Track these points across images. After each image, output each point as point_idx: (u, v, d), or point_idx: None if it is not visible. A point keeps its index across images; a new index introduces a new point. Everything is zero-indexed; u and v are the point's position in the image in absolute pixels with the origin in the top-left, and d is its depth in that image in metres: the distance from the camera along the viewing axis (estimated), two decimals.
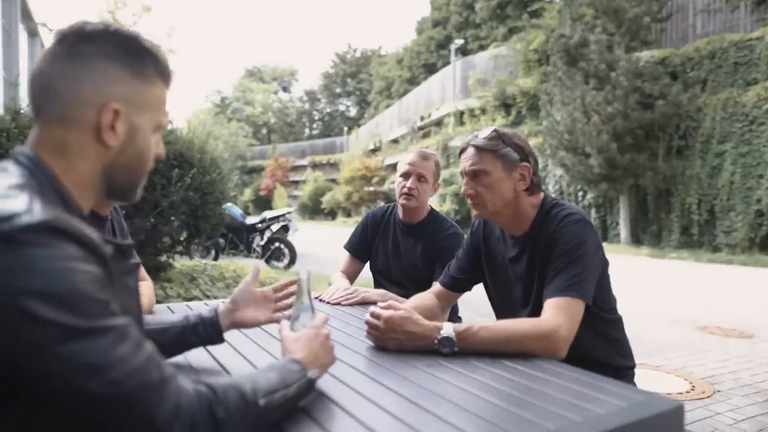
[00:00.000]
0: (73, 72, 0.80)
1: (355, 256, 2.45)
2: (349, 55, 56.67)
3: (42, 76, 0.81)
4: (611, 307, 1.62)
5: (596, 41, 13.01)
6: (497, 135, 1.54)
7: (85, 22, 0.82)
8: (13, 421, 0.69)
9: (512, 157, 1.53)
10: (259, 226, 9.51)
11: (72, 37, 0.81)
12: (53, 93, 0.80)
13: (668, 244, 12.90)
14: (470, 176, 1.55)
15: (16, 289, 0.63)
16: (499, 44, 23.98)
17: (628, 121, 12.48)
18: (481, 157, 1.53)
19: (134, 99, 0.83)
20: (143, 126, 0.86)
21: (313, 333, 1.02)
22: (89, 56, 0.80)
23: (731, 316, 5.60)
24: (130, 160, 0.86)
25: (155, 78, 0.86)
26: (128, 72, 0.83)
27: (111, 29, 0.83)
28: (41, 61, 0.81)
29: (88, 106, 0.80)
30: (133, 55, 0.83)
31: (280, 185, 37.30)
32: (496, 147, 1.52)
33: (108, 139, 0.81)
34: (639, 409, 0.94)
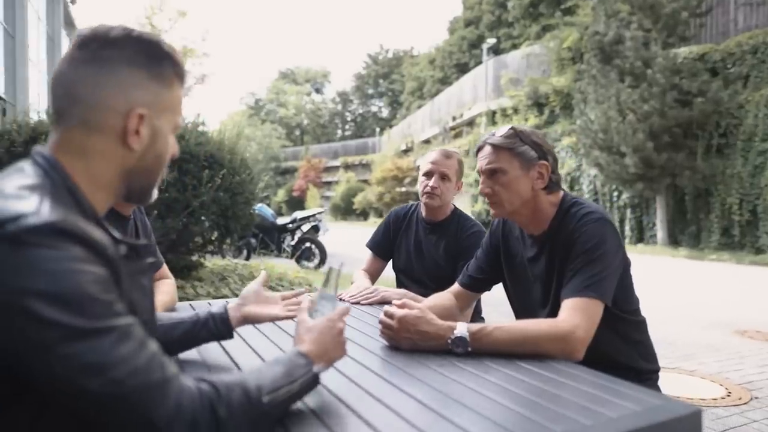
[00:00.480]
0: (96, 78, 0.81)
1: (377, 255, 2.45)
2: (381, 56, 56.79)
3: (64, 80, 0.82)
4: (634, 309, 1.57)
5: (632, 38, 12.70)
6: (514, 133, 1.52)
7: (109, 28, 0.83)
8: (20, 419, 0.71)
9: (530, 155, 1.51)
10: (289, 226, 9.61)
11: (95, 43, 0.82)
12: (77, 98, 0.81)
13: (707, 245, 12.49)
14: (487, 175, 1.53)
15: (20, 290, 0.64)
16: (531, 43, 23.68)
17: (665, 120, 12.15)
18: (497, 155, 1.51)
19: (156, 103, 0.85)
20: (163, 128, 0.87)
21: (327, 325, 1.01)
22: (113, 62, 0.81)
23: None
24: (150, 163, 0.87)
25: (173, 80, 0.88)
26: (150, 76, 0.84)
27: (133, 35, 0.84)
28: (63, 66, 0.82)
29: (112, 111, 0.81)
30: (155, 60, 0.85)
31: (312, 186, 37.65)
32: (513, 145, 1.50)
33: (133, 143, 0.83)
34: (653, 414, 0.91)
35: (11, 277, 0.64)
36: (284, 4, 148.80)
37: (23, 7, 10.36)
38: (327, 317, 1.03)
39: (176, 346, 1.20)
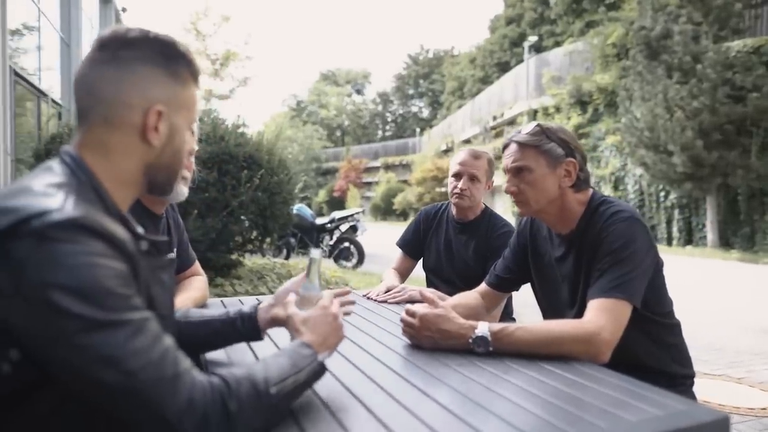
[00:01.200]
0: (116, 77, 0.85)
1: (407, 254, 2.45)
2: (422, 56, 56.65)
3: (86, 81, 0.86)
4: (667, 311, 1.52)
5: (680, 32, 12.25)
6: (540, 130, 1.49)
7: (127, 29, 0.87)
8: (40, 410, 0.74)
9: (557, 153, 1.47)
10: (328, 226, 9.71)
11: (114, 44, 0.86)
12: (99, 97, 0.85)
13: (762, 247, 11.92)
14: (513, 173, 1.51)
15: (43, 282, 0.67)
16: (575, 40, 23.14)
17: (716, 116, 11.66)
18: (523, 153, 1.49)
19: (173, 100, 0.89)
20: (180, 125, 0.91)
21: (322, 313, 1.02)
22: (132, 61, 0.85)
23: None
24: (169, 157, 0.91)
25: (189, 79, 0.92)
26: (167, 75, 0.88)
27: (150, 35, 0.88)
28: (84, 67, 0.87)
29: (132, 108, 0.85)
30: (171, 59, 0.89)
31: (353, 186, 37.90)
32: (539, 142, 1.47)
33: (152, 139, 0.87)
34: (675, 419, 0.88)
35: (35, 270, 0.67)
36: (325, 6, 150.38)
37: (78, 16, 10.83)
38: (319, 305, 1.04)
39: (204, 345, 1.21)
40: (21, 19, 8.25)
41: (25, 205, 0.71)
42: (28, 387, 0.72)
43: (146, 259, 0.83)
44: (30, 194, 0.74)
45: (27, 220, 0.69)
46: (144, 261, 0.81)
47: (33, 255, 0.68)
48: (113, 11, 14.90)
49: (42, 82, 8.93)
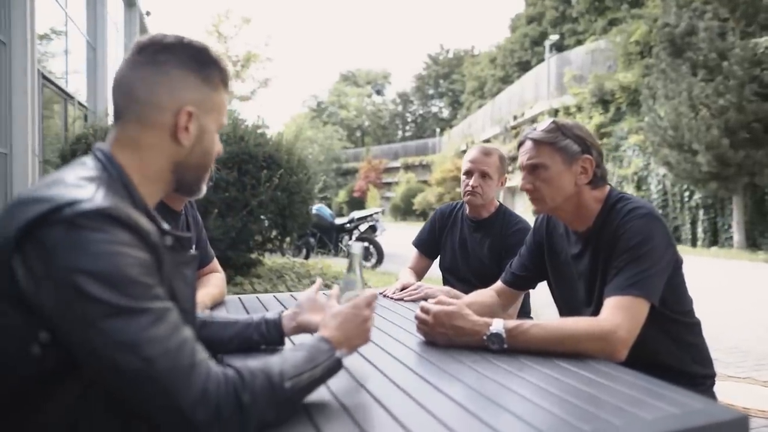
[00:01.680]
0: (152, 78, 0.90)
1: (422, 253, 2.45)
2: (442, 56, 56.50)
3: (124, 81, 0.91)
4: (686, 310, 1.49)
5: (706, 28, 12.02)
6: (556, 127, 1.48)
7: (163, 35, 0.93)
8: (67, 396, 0.76)
9: (572, 150, 1.46)
10: (347, 226, 9.74)
11: (152, 48, 0.91)
12: (134, 97, 0.90)
13: None
14: (528, 170, 1.50)
15: (71, 267, 0.70)
16: (597, 38, 22.85)
17: (744, 114, 11.41)
18: (538, 150, 1.47)
19: (203, 102, 0.94)
20: (209, 126, 0.96)
21: (352, 312, 1.02)
22: (167, 65, 0.90)
23: None
24: (198, 158, 0.96)
25: (219, 84, 0.97)
26: (199, 79, 0.93)
27: (185, 41, 0.93)
28: (123, 68, 0.92)
29: (164, 108, 0.90)
30: (203, 65, 0.94)
31: (373, 187, 37.94)
32: (554, 139, 1.46)
33: (182, 139, 0.91)
34: (692, 417, 0.86)
35: (64, 256, 0.71)
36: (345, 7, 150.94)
37: (104, 20, 11.04)
38: (352, 304, 1.05)
39: (227, 347, 1.20)
40: (49, 23, 8.45)
41: (57, 195, 0.75)
42: (57, 370, 0.75)
43: (170, 254, 0.85)
44: (63, 185, 0.78)
45: (59, 208, 0.73)
46: (168, 255, 0.83)
47: (63, 241, 0.71)
48: (137, 15, 15.15)
49: (69, 85, 9.13)
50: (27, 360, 0.73)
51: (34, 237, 0.72)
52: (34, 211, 0.73)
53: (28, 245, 0.72)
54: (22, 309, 0.72)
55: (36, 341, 0.73)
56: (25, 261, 0.72)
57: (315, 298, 1.26)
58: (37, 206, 0.73)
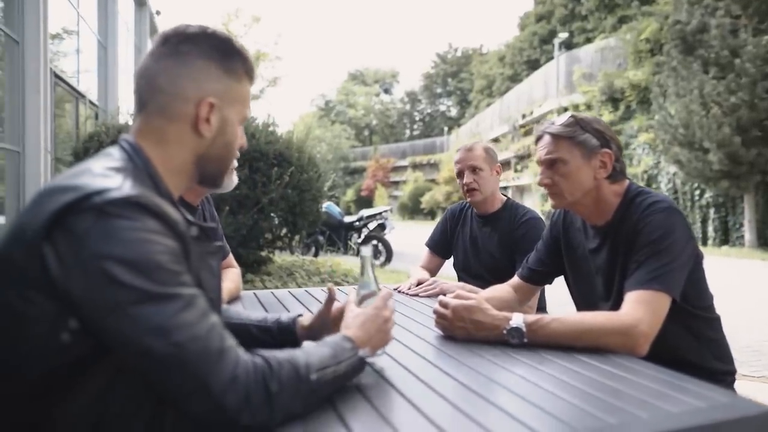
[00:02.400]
0: (175, 69, 0.90)
1: (434, 252, 2.47)
2: (450, 55, 56.41)
3: (147, 72, 0.91)
4: (707, 305, 1.48)
5: (718, 25, 11.91)
6: (574, 121, 1.47)
7: (186, 25, 0.93)
8: (95, 383, 0.77)
9: (591, 144, 1.45)
10: (356, 224, 9.76)
11: (175, 38, 0.91)
12: (157, 87, 0.90)
13: None
14: (546, 165, 1.49)
15: (101, 254, 0.71)
16: (606, 36, 22.71)
17: (756, 112, 11.31)
18: (557, 145, 1.47)
19: (226, 94, 0.93)
20: (232, 118, 0.95)
21: (373, 313, 1.03)
22: (189, 55, 0.90)
23: None
24: (220, 150, 0.95)
25: (243, 75, 0.96)
26: (222, 70, 0.93)
27: (208, 32, 0.93)
28: (147, 59, 0.92)
29: (186, 99, 0.90)
30: (226, 55, 0.93)
31: (380, 185, 37.95)
32: (573, 134, 1.45)
33: (203, 130, 0.91)
34: (717, 411, 0.86)
35: (93, 243, 0.71)
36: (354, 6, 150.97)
37: (115, 19, 11.11)
38: (373, 305, 1.05)
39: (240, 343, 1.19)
40: (62, 23, 8.51)
41: (85, 184, 0.76)
42: (84, 359, 0.75)
43: (196, 245, 0.86)
44: (90, 175, 0.79)
45: (88, 196, 0.73)
46: (194, 245, 0.84)
47: (92, 228, 0.72)
48: (148, 14, 15.23)
49: (80, 84, 9.19)
50: (56, 348, 0.74)
51: (64, 225, 0.73)
52: (63, 200, 0.74)
53: (57, 233, 0.73)
54: (53, 297, 0.73)
55: (66, 329, 0.74)
56: (55, 249, 0.72)
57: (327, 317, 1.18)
58: (65, 195, 0.74)
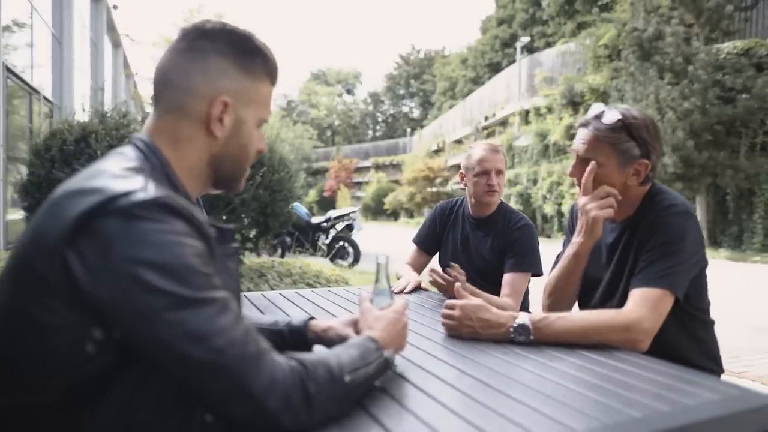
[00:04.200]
0: (189, 65, 0.87)
1: (422, 249, 2.46)
2: (413, 57, 56.73)
3: (163, 68, 0.88)
4: (704, 308, 1.53)
5: (673, 33, 12.38)
6: (623, 125, 1.40)
7: (206, 21, 0.89)
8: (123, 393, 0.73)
9: (632, 153, 1.41)
10: (324, 225, 9.69)
11: (193, 34, 0.88)
12: (171, 84, 0.87)
13: (750, 246, 12.09)
14: (581, 161, 1.47)
15: (131, 259, 0.68)
16: (567, 41, 23.27)
17: (707, 117, 11.81)
18: (596, 146, 1.43)
19: (241, 93, 0.89)
20: (248, 120, 0.91)
21: (395, 317, 1.03)
22: (204, 51, 0.87)
23: None
24: (235, 152, 0.91)
25: (263, 76, 0.92)
26: (238, 68, 0.89)
27: (227, 28, 0.89)
28: (164, 55, 0.89)
29: (200, 97, 0.86)
30: (244, 53, 0.90)
31: (343, 186, 37.84)
32: (617, 141, 1.40)
33: (215, 130, 0.87)
34: (732, 403, 0.89)
35: (122, 247, 0.68)
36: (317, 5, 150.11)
37: (70, 12, 10.72)
38: (394, 310, 1.05)
39: None
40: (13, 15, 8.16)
41: (108, 186, 0.72)
42: (111, 368, 0.72)
43: (216, 245, 0.83)
44: (109, 176, 0.75)
45: (113, 199, 0.70)
46: (216, 247, 0.81)
47: (120, 232, 0.69)
48: (105, 9, 14.76)
49: (33, 79, 8.83)
50: (81, 359, 0.71)
51: (89, 229, 0.69)
52: (88, 203, 0.70)
53: (82, 238, 0.69)
54: (77, 305, 0.70)
55: (90, 339, 0.70)
56: (80, 255, 0.69)
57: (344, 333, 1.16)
58: (88, 198, 0.71)
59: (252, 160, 0.97)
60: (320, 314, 1.62)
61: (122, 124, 4.57)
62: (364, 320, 1.04)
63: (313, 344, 1.16)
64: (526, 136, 20.01)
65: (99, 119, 4.67)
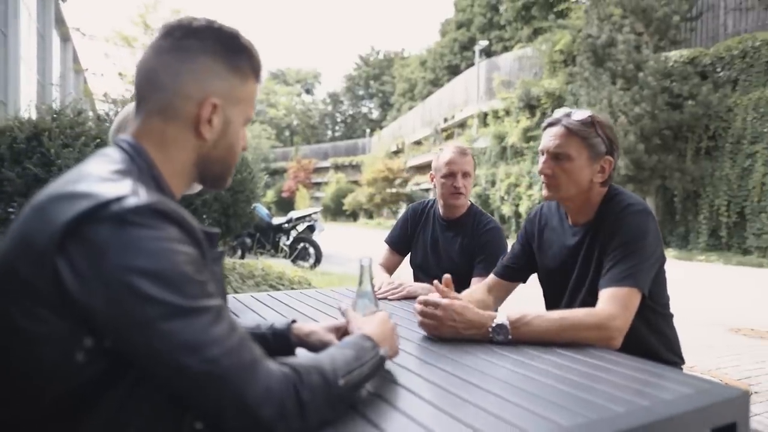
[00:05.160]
0: (177, 66, 0.83)
1: (394, 250, 2.48)
2: (372, 58, 56.88)
3: (148, 68, 0.85)
4: (665, 303, 1.60)
5: (624, 41, 12.85)
6: (592, 121, 1.49)
7: (192, 18, 0.86)
8: (114, 398, 0.72)
9: (599, 149, 1.49)
10: (285, 226, 9.60)
11: (179, 32, 0.84)
12: (158, 85, 0.84)
13: (696, 246, 12.66)
14: (552, 156, 1.51)
15: (124, 266, 0.66)
16: (523, 45, 23.80)
17: (656, 122, 12.31)
18: (568, 139, 1.49)
19: (230, 93, 0.87)
20: (235, 119, 0.89)
21: (384, 318, 1.04)
22: (193, 51, 0.84)
23: (764, 319, 5.48)
24: (222, 152, 0.89)
25: (249, 74, 0.90)
26: (227, 68, 0.86)
27: (214, 26, 0.86)
28: (147, 54, 0.85)
29: (188, 98, 0.84)
30: (232, 52, 0.87)
31: (302, 187, 37.55)
32: (587, 134, 1.48)
33: (205, 132, 0.85)
34: (707, 396, 0.94)
35: (115, 255, 0.66)
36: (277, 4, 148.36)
37: (15, 5, 10.24)
38: (379, 314, 1.06)
39: None
40: None
41: (98, 190, 0.70)
42: (102, 376, 0.70)
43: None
44: (97, 179, 0.73)
45: (105, 204, 0.68)
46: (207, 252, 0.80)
47: (113, 239, 0.67)
48: (52, 1, 14.18)
49: None
50: (71, 369, 0.68)
51: (80, 235, 0.67)
52: (78, 208, 0.68)
53: (72, 245, 0.67)
54: (66, 314, 0.67)
55: (80, 348, 0.68)
56: (70, 262, 0.66)
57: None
58: (77, 202, 0.68)
59: (238, 159, 0.95)
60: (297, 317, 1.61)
61: (77, 122, 4.40)
62: (352, 325, 1.05)
63: (296, 348, 1.15)
64: (484, 138, 20.36)
65: (52, 117, 4.48)
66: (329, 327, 1.14)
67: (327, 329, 1.14)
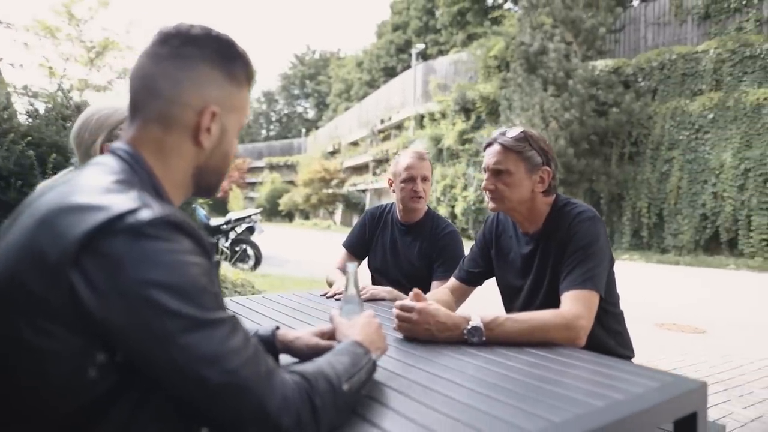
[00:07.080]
0: (177, 73, 0.82)
1: (352, 254, 2.49)
2: (308, 57, 56.43)
3: (144, 74, 0.83)
4: (615, 302, 1.72)
5: (555, 49, 13.46)
6: (524, 137, 1.61)
7: (189, 26, 0.85)
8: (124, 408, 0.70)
9: (536, 161, 1.61)
10: (224, 227, 9.36)
11: (177, 40, 0.83)
12: (156, 92, 0.82)
13: (620, 246, 13.44)
14: (493, 173, 1.62)
15: (142, 280, 0.65)
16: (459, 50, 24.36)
17: (584, 128, 12.97)
18: (506, 155, 1.60)
19: (227, 102, 0.87)
20: (231, 127, 0.89)
21: (367, 320, 1.06)
22: (193, 59, 0.83)
23: (683, 314, 5.90)
24: (218, 161, 0.89)
25: (244, 81, 0.90)
26: (224, 75, 0.86)
27: (212, 34, 0.86)
28: (143, 60, 0.83)
29: (188, 106, 0.83)
30: (229, 60, 0.87)
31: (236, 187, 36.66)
32: (522, 149, 1.59)
33: (203, 140, 0.85)
34: (671, 389, 1.02)
35: (132, 268, 0.65)
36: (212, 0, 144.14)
37: None
38: (364, 315, 1.08)
39: None
40: None
41: (109, 203, 0.69)
42: (113, 391, 0.69)
43: None
44: (103, 191, 0.71)
45: (121, 216, 0.67)
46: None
47: (129, 252, 0.66)
48: None
49: None
50: (81, 385, 0.67)
51: (94, 248, 0.65)
52: (91, 221, 0.66)
53: (86, 258, 0.65)
54: (79, 329, 0.66)
55: (93, 364, 0.67)
56: (85, 276, 0.65)
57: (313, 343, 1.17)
58: (90, 215, 0.67)
59: (230, 166, 0.95)
60: (266, 323, 1.60)
61: (3, 117, 4.12)
62: (340, 332, 1.06)
63: (280, 354, 1.16)
64: (420, 140, 20.66)
65: None
66: (313, 332, 1.16)
67: (311, 334, 1.15)
